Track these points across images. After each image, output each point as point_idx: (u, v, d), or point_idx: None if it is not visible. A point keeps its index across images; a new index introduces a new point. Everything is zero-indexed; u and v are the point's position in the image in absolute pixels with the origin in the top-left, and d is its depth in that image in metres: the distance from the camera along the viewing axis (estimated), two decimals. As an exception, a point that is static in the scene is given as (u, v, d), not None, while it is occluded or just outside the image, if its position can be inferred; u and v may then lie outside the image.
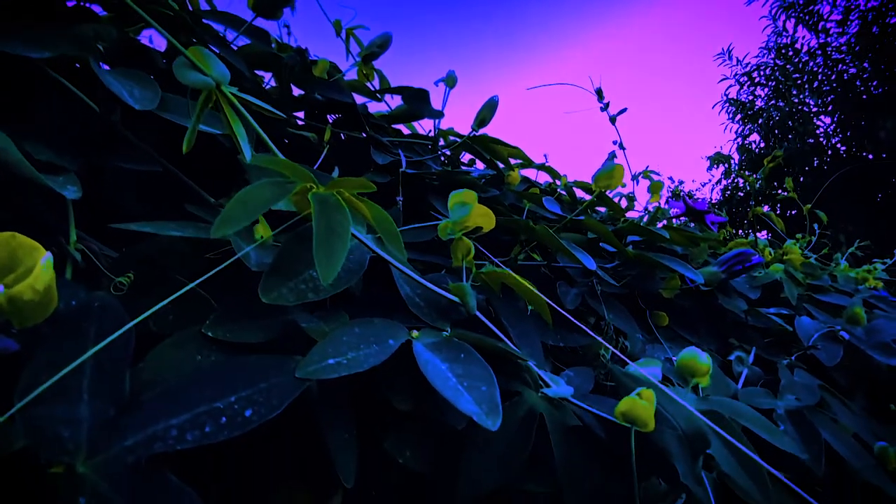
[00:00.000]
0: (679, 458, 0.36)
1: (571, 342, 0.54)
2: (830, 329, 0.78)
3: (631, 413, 0.32)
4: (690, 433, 0.38)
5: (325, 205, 0.25)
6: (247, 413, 0.22)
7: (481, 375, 0.29)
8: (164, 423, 0.21)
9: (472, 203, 0.34)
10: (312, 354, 0.27)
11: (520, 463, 0.33)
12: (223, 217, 0.22)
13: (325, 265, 0.22)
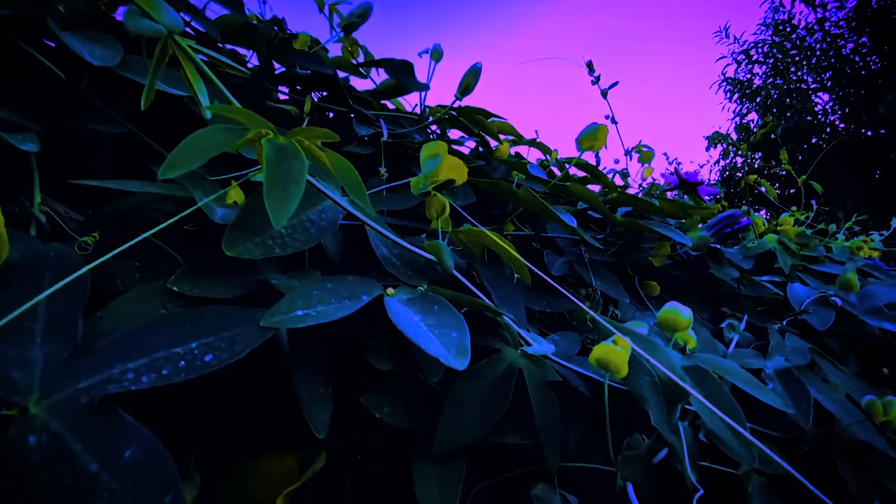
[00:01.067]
0: (652, 403, 0.35)
1: (558, 307, 0.53)
2: (822, 294, 0.78)
3: (604, 358, 0.32)
4: (668, 381, 0.37)
5: (281, 152, 0.24)
6: (206, 358, 0.22)
7: (453, 324, 0.28)
8: (121, 367, 0.21)
9: (442, 154, 0.33)
10: (280, 305, 0.27)
11: (497, 417, 0.32)
12: (170, 160, 0.22)
13: (278, 209, 0.22)
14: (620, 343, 0.35)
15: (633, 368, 0.36)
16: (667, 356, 0.39)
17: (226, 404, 0.43)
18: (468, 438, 0.31)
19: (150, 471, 0.17)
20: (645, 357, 0.37)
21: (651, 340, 0.39)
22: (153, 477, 0.17)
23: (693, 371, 0.43)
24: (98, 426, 0.18)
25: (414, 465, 0.31)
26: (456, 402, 0.33)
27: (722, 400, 0.42)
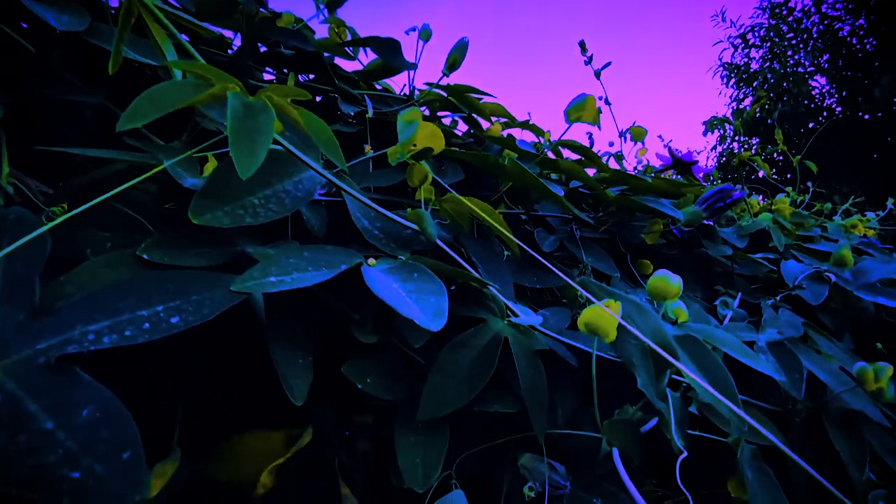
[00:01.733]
0: (640, 368, 0.35)
1: (548, 283, 0.53)
2: (816, 270, 0.77)
3: (593, 322, 0.31)
4: (658, 346, 0.37)
5: (249, 107, 0.23)
6: (173, 320, 0.21)
7: (432, 290, 0.28)
8: (81, 329, 0.20)
9: (417, 119, 0.32)
10: (252, 271, 0.26)
11: (482, 386, 0.32)
12: (129, 111, 0.21)
13: (245, 160, 0.21)
14: (611, 307, 0.35)
15: (622, 333, 0.36)
16: (656, 321, 0.38)
17: (211, 382, 0.42)
18: (452, 406, 0.31)
19: (108, 428, 0.17)
20: (634, 321, 0.36)
21: (641, 304, 0.38)
22: (111, 434, 0.17)
23: (684, 340, 0.42)
24: (55, 386, 0.18)
25: (396, 433, 0.31)
26: (440, 371, 0.33)
27: (712, 368, 0.41)
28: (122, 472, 0.16)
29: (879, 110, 4.23)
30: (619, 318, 0.35)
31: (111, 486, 0.15)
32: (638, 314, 0.38)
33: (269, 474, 0.36)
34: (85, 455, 0.16)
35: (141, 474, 0.16)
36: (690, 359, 0.42)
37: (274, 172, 0.32)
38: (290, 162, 0.34)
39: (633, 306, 0.38)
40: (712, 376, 0.42)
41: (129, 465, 0.16)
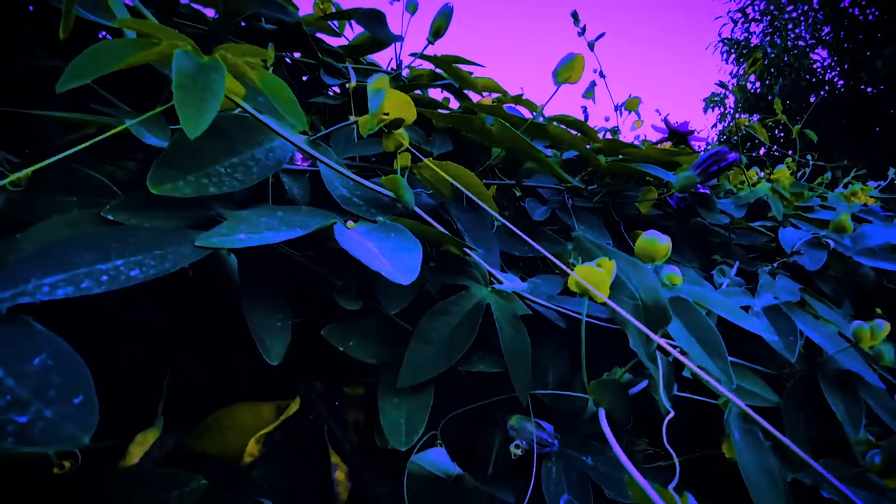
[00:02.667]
0: (632, 327, 0.34)
1: (540, 252, 0.52)
2: (815, 236, 0.76)
3: (585, 279, 0.30)
4: (650, 304, 0.36)
5: (201, 67, 0.22)
6: (132, 273, 0.21)
7: (406, 248, 0.27)
8: (36, 283, 0.19)
9: (385, 87, 0.31)
10: (220, 228, 0.25)
11: (463, 351, 0.31)
12: (71, 69, 0.20)
13: (193, 119, 0.20)
14: (605, 265, 0.34)
15: (614, 290, 0.35)
16: (652, 279, 0.37)
17: (201, 359, 0.42)
18: (431, 373, 0.30)
19: (60, 375, 0.16)
20: (629, 278, 0.35)
21: (637, 263, 0.37)
22: (63, 380, 0.16)
23: (675, 302, 0.42)
24: (5, 335, 0.17)
25: (380, 395, 0.31)
26: (422, 338, 0.32)
27: (702, 329, 0.41)
28: (72, 416, 0.15)
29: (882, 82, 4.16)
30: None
31: (60, 428, 0.15)
32: (633, 272, 0.37)
33: (256, 443, 0.36)
34: (35, 400, 0.15)
35: (92, 417, 0.15)
36: (680, 319, 0.42)
37: (241, 139, 0.31)
38: (259, 129, 0.33)
39: (628, 264, 0.37)
40: (702, 337, 0.41)
41: (81, 409, 0.15)
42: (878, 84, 4.16)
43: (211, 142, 0.29)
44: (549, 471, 0.32)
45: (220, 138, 0.30)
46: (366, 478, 0.37)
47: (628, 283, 0.36)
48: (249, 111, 0.27)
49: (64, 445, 0.14)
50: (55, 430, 0.15)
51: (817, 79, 4.40)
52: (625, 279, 0.36)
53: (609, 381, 0.37)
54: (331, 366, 0.44)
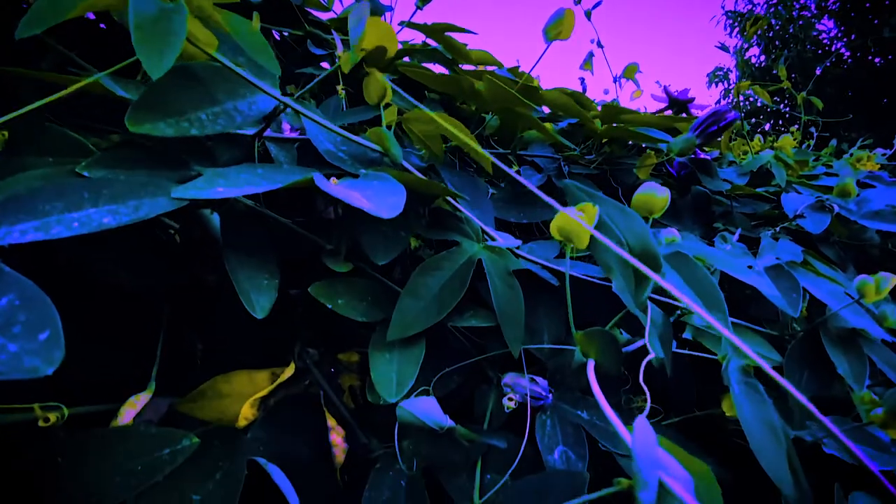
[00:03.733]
0: (618, 274, 0.33)
1: (535, 218, 0.51)
2: (818, 199, 0.75)
3: (565, 227, 0.29)
4: (639, 250, 0.35)
5: (162, 10, 0.21)
6: (105, 220, 0.20)
7: (390, 190, 0.26)
8: (6, 229, 0.19)
9: (365, 15, 0.30)
10: (198, 181, 0.24)
11: (452, 306, 0.31)
12: (28, 16, 0.19)
13: (154, 59, 0.19)
14: (586, 210, 0.33)
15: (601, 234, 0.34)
16: (641, 226, 0.36)
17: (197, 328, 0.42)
18: (420, 326, 0.30)
19: (26, 313, 0.16)
20: (616, 223, 0.34)
21: (625, 209, 0.36)
22: (29, 318, 0.16)
23: (673, 256, 0.41)
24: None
25: (371, 351, 0.30)
26: (411, 293, 0.32)
27: (700, 281, 0.40)
28: (37, 350, 0.15)
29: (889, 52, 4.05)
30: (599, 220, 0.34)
31: (24, 361, 0.14)
32: (620, 217, 0.36)
33: (251, 406, 0.36)
34: (3, 337, 0.15)
35: (56, 352, 0.15)
36: (677, 272, 0.41)
37: (223, 90, 0.30)
38: (241, 83, 0.32)
39: (615, 209, 0.36)
40: (700, 289, 0.40)
41: (46, 344, 0.15)
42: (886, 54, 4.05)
43: (191, 90, 0.28)
44: (544, 424, 0.31)
45: (200, 87, 0.29)
46: (362, 441, 0.37)
47: (615, 229, 0.35)
48: (222, 61, 0.26)
49: (26, 376, 0.14)
50: (17, 363, 0.14)
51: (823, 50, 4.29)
52: (612, 225, 0.35)
53: (596, 331, 0.37)
54: (325, 335, 0.44)
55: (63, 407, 0.23)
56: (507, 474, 0.30)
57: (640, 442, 0.19)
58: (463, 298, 0.33)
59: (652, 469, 0.18)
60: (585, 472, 0.28)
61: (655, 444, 0.19)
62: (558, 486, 0.27)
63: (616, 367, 0.32)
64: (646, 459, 0.18)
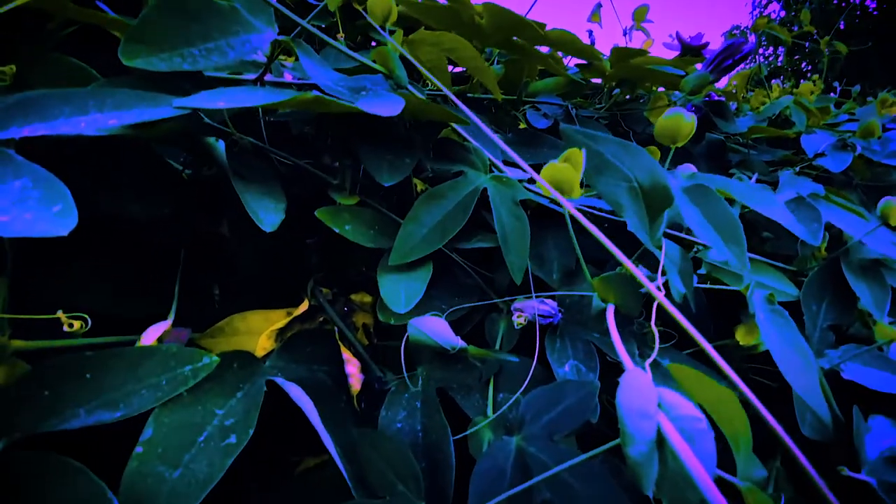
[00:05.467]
0: (630, 211, 0.33)
1: (540, 159, 0.50)
2: (840, 138, 0.72)
3: (556, 177, 0.29)
4: (648, 186, 0.34)
5: None
6: (109, 122, 0.20)
7: (391, 99, 0.26)
8: (16, 129, 0.19)
9: None
10: (200, 94, 0.25)
11: (455, 232, 0.31)
12: None
13: None
14: (571, 157, 0.32)
15: (606, 173, 0.33)
16: (649, 161, 0.35)
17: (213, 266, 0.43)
18: (422, 252, 0.30)
19: (40, 190, 0.16)
20: (622, 161, 0.34)
21: (630, 146, 0.35)
22: (43, 195, 0.16)
23: (692, 190, 0.40)
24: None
25: (379, 274, 0.31)
26: (414, 220, 0.32)
27: (719, 215, 0.39)
28: (50, 219, 0.15)
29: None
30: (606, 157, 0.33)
31: (37, 225, 0.15)
32: (625, 154, 0.35)
33: (268, 338, 0.37)
34: (14, 208, 0.15)
35: (69, 219, 0.15)
36: (695, 205, 0.40)
37: (217, 27, 0.29)
38: (235, 21, 0.31)
39: (619, 147, 0.35)
40: (718, 223, 0.39)
41: (59, 213, 0.16)
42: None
43: (183, 24, 0.28)
44: (554, 341, 0.32)
45: (192, 23, 0.29)
46: (376, 374, 0.38)
47: (621, 166, 0.34)
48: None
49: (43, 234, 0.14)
50: (33, 227, 0.15)
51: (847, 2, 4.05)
52: (617, 163, 0.34)
53: (614, 275, 0.36)
54: (338, 279, 0.45)
55: (86, 317, 0.24)
56: (520, 391, 0.30)
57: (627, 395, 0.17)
58: (471, 226, 0.33)
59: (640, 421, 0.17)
60: (596, 381, 0.28)
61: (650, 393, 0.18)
62: (570, 393, 0.28)
63: (636, 308, 0.31)
64: (633, 412, 0.17)
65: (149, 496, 0.22)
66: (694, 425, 0.18)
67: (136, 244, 0.37)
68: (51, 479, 0.21)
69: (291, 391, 0.29)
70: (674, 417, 0.18)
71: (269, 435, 0.38)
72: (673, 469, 0.17)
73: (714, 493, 0.15)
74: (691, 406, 0.18)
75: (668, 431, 0.17)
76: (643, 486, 0.17)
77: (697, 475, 0.16)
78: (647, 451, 0.17)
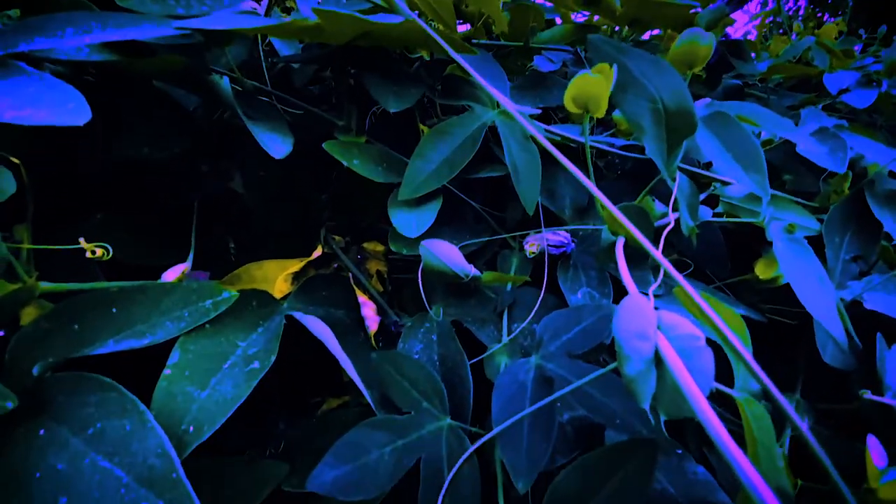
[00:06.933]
0: (650, 135, 0.32)
1: (551, 101, 0.49)
2: (865, 74, 0.68)
3: (582, 93, 0.27)
4: (673, 109, 0.33)
5: None
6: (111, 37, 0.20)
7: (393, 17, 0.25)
8: (25, 46, 0.19)
9: None
10: (202, 18, 0.24)
11: (462, 166, 0.31)
12: None
13: None
14: (602, 71, 0.31)
15: (632, 91, 0.32)
16: (678, 82, 0.33)
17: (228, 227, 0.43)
18: (430, 187, 0.30)
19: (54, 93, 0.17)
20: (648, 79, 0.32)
21: (657, 60, 0.33)
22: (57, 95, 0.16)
23: (713, 119, 0.38)
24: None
25: (389, 207, 0.31)
26: (421, 157, 0.31)
27: (740, 143, 0.38)
28: (66, 112, 0.16)
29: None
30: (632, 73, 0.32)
31: (54, 118, 0.15)
32: (654, 71, 0.33)
33: (285, 281, 0.38)
34: (30, 106, 0.16)
35: (83, 114, 0.16)
36: (714, 134, 0.39)
37: None
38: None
39: (648, 63, 0.33)
40: (738, 151, 0.38)
41: (72, 109, 0.16)
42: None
43: None
44: (567, 269, 0.31)
45: None
46: (392, 317, 0.39)
47: (648, 84, 0.33)
48: None
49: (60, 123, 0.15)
50: (51, 118, 0.15)
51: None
52: (644, 81, 0.33)
53: (625, 206, 0.36)
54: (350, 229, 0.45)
55: (108, 246, 0.25)
56: (531, 315, 0.30)
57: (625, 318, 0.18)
58: (481, 161, 0.33)
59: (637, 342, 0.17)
60: (612, 304, 0.28)
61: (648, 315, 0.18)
62: (587, 316, 0.27)
63: (647, 233, 0.31)
64: (629, 334, 0.17)
65: (179, 412, 0.23)
66: (691, 343, 0.18)
67: (153, 195, 0.38)
68: (83, 395, 0.22)
69: (310, 323, 0.30)
70: (672, 337, 0.18)
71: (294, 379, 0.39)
72: (669, 384, 0.17)
73: (703, 405, 0.15)
74: (691, 325, 0.18)
75: (664, 350, 0.17)
76: (639, 401, 0.17)
77: (688, 389, 0.16)
78: (643, 369, 0.17)
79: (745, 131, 0.38)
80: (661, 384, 0.18)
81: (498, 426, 0.23)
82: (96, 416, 0.21)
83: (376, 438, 0.24)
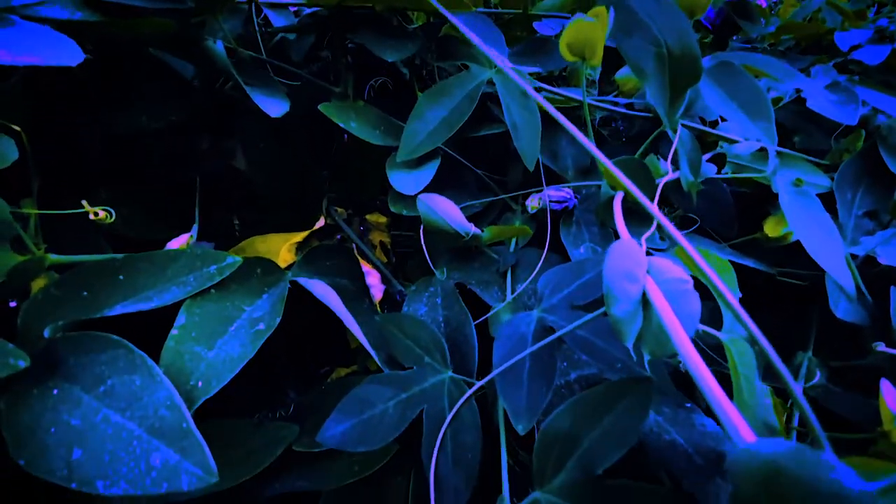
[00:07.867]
0: (653, 80, 0.31)
1: (551, 65, 0.48)
2: (878, 30, 0.66)
3: (577, 39, 0.26)
4: (678, 53, 0.32)
5: None
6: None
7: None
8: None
9: None
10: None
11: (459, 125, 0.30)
12: None
13: None
14: (598, 13, 0.30)
15: (636, 34, 0.31)
16: (682, 21, 0.32)
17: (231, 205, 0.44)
18: (427, 148, 0.30)
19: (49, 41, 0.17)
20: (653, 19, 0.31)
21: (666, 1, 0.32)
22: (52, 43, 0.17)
23: (715, 70, 0.37)
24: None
25: (387, 170, 0.30)
26: (419, 117, 0.31)
27: (745, 92, 0.37)
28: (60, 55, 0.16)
29: None
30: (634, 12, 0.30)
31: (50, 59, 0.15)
32: (658, 12, 0.32)
33: (289, 251, 0.38)
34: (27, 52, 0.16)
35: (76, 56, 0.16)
36: (718, 85, 0.38)
37: None
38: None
39: (653, 3, 0.32)
40: (743, 100, 0.37)
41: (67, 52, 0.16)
42: None
43: None
44: (570, 225, 0.31)
45: None
46: (397, 287, 0.39)
47: (652, 26, 0.32)
48: None
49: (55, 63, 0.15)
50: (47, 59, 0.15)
51: None
52: (649, 22, 0.32)
53: (624, 160, 0.35)
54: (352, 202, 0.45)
55: (111, 210, 0.25)
56: (535, 272, 0.30)
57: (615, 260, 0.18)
58: (478, 120, 0.32)
59: (625, 283, 0.17)
60: (616, 256, 0.28)
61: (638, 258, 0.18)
62: (589, 269, 0.27)
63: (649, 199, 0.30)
64: (618, 275, 0.17)
65: (187, 369, 0.23)
66: (679, 286, 0.18)
67: (156, 172, 0.38)
68: (94, 354, 0.22)
69: (315, 288, 0.30)
70: (660, 281, 0.18)
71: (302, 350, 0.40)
72: (654, 324, 0.17)
73: (684, 342, 0.15)
74: (680, 270, 0.19)
75: (651, 292, 0.17)
76: (623, 339, 0.17)
77: (671, 327, 0.16)
78: (631, 309, 0.18)
79: (750, 79, 0.37)
80: (647, 324, 0.18)
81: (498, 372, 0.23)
82: (107, 374, 0.22)
83: (381, 393, 0.24)
